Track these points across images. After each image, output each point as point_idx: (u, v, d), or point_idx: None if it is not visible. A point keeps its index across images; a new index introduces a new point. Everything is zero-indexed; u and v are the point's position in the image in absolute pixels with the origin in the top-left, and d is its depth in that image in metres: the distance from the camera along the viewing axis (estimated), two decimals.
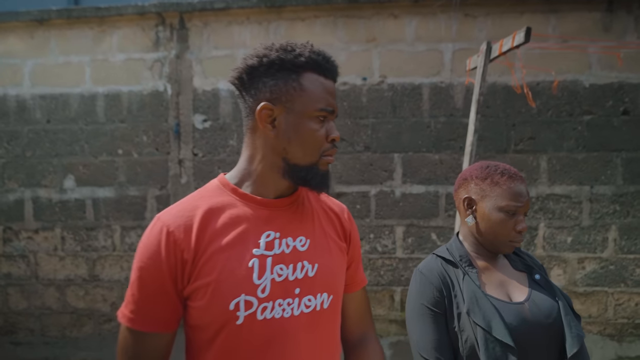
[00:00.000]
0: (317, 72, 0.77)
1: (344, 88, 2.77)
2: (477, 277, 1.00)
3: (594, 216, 2.66)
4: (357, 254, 0.91)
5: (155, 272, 0.71)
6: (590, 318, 2.67)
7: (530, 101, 2.14)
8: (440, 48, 2.72)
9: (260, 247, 0.74)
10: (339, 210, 0.90)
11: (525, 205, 0.99)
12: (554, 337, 0.94)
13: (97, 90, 2.93)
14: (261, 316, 0.72)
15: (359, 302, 0.92)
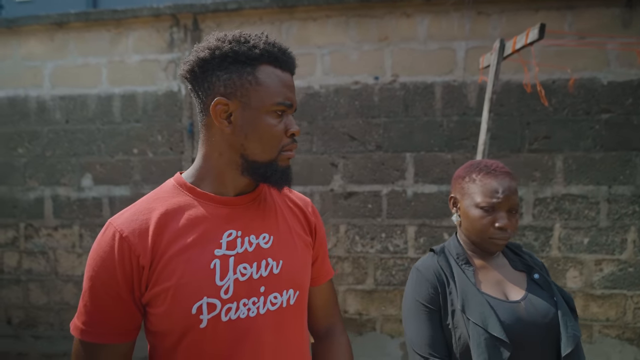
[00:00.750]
0: (273, 64, 0.73)
1: (355, 87, 2.77)
2: (473, 275, 1.00)
3: (612, 217, 2.60)
4: (322, 247, 0.91)
5: (108, 280, 0.68)
6: (608, 321, 2.61)
7: (543, 99, 2.10)
8: (453, 46, 2.69)
9: (221, 247, 0.72)
10: (303, 204, 0.88)
11: (504, 201, 0.97)
12: (550, 336, 0.94)
13: (113, 91, 3.00)
14: (226, 317, 0.70)
15: (326, 294, 0.92)
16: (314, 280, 0.89)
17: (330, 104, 2.79)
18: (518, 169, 2.66)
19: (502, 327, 0.90)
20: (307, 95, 2.81)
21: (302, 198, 0.90)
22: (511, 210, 0.98)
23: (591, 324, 2.62)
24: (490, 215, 0.97)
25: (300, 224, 0.85)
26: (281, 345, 0.75)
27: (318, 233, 0.88)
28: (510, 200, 0.97)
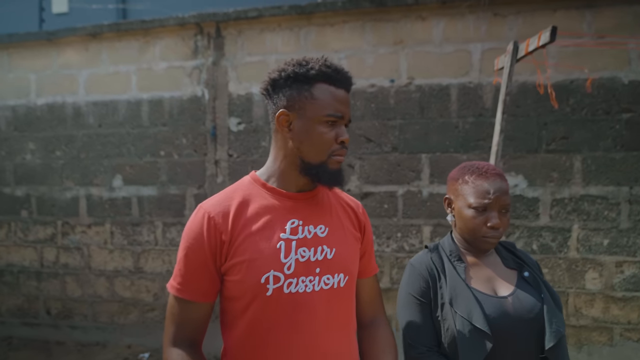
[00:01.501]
0: (327, 82, 0.87)
1: (371, 90, 2.84)
2: (465, 271, 1.05)
3: (633, 218, 2.56)
4: (369, 245, 1.01)
5: (198, 250, 0.85)
6: (630, 324, 2.57)
7: (553, 102, 2.11)
8: (468, 48, 2.72)
9: (286, 232, 0.87)
10: (355, 205, 1.01)
11: (495, 201, 1.02)
12: (535, 331, 0.99)
13: (141, 96, 3.18)
14: (287, 290, 0.84)
15: (371, 288, 1.02)
16: (361, 273, 1.00)
17: None
18: (535, 170, 2.66)
19: (487, 321, 0.96)
20: None
21: (354, 201, 1.04)
22: (502, 210, 1.03)
23: (612, 327, 2.59)
24: (482, 215, 1.03)
25: (351, 221, 0.98)
26: (331, 320, 0.88)
27: (366, 232, 1.01)
28: (500, 201, 1.02)
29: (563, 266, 2.64)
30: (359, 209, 1.01)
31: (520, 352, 0.98)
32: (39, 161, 3.38)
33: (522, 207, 2.68)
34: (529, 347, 0.98)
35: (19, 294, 3.44)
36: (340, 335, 0.90)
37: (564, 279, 2.64)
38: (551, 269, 2.65)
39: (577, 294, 2.63)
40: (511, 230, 2.70)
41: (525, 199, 2.68)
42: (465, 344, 0.95)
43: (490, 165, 1.08)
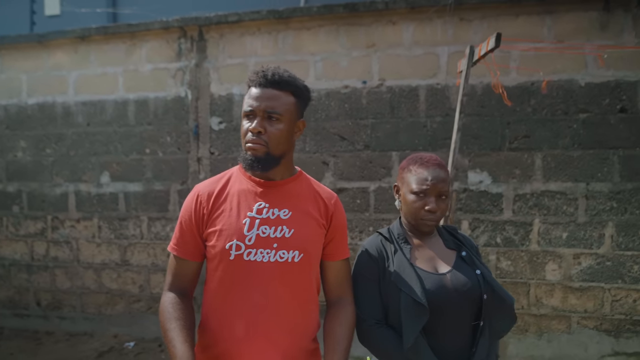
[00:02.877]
0: (252, 85, 1.07)
1: (345, 91, 2.98)
2: (410, 252, 1.19)
3: (590, 212, 2.70)
4: (338, 232, 1.15)
5: (188, 220, 1.09)
6: (586, 313, 2.71)
7: (506, 100, 2.25)
8: (436, 51, 2.86)
9: (252, 212, 1.07)
10: (327, 197, 1.16)
11: (432, 187, 1.15)
12: (471, 302, 1.13)
13: (128, 97, 3.32)
14: (247, 257, 1.03)
15: (338, 270, 1.17)
16: (328, 255, 1.15)
17: (321, 107, 3.01)
18: (499, 167, 2.80)
19: (426, 295, 1.10)
20: None
21: (329, 193, 1.18)
22: (440, 196, 1.17)
23: (570, 315, 2.73)
24: (422, 200, 1.16)
25: (318, 210, 1.13)
26: (283, 289, 1.05)
27: (335, 220, 1.15)
28: (437, 188, 1.16)
29: (525, 258, 2.78)
30: (330, 200, 1.15)
31: (457, 319, 1.12)
32: (29, 158, 3.52)
33: (487, 203, 2.83)
34: (465, 315, 1.13)
35: (9, 286, 3.58)
36: (292, 304, 1.06)
37: (526, 271, 2.78)
38: (514, 261, 2.80)
39: (537, 284, 2.77)
40: (476, 224, 2.84)
41: (490, 194, 2.82)
42: (407, 315, 1.09)
43: (433, 157, 1.22)
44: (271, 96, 1.04)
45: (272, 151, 1.04)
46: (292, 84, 1.06)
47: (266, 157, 1.04)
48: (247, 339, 1.02)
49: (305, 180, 1.17)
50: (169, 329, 1.01)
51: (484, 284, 1.14)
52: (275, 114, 1.03)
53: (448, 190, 1.19)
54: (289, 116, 1.05)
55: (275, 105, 1.03)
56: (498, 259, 2.81)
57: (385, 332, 1.14)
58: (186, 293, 1.10)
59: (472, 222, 2.85)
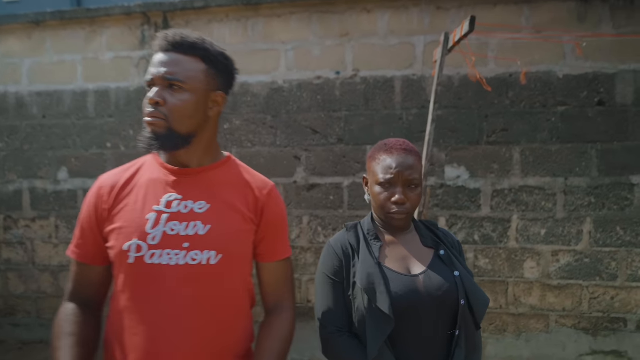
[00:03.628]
0: (154, 51, 0.93)
1: (318, 82, 2.84)
2: (379, 250, 1.04)
3: (568, 208, 2.63)
4: (272, 227, 0.98)
5: (88, 218, 0.93)
6: (565, 311, 2.64)
7: (485, 86, 2.16)
8: (412, 41, 2.75)
9: (160, 205, 0.90)
10: (258, 187, 0.98)
11: (397, 176, 1.01)
12: (447, 308, 0.99)
13: (87, 87, 3.10)
14: (149, 260, 0.87)
15: (274, 272, 1.00)
16: (262, 256, 0.99)
17: (293, 99, 2.87)
18: (476, 162, 2.71)
19: (393, 299, 0.95)
20: (271, 90, 2.88)
21: (262, 181, 1.01)
22: (409, 185, 1.02)
23: (548, 314, 2.66)
24: (388, 190, 1.02)
25: (246, 202, 0.95)
26: (199, 299, 0.88)
27: (266, 213, 0.97)
28: (403, 176, 1.01)
29: (503, 256, 2.70)
30: (262, 190, 0.98)
31: (430, 328, 0.98)
32: None
33: (465, 199, 2.73)
34: (439, 323, 0.98)
35: None
36: (208, 316, 0.88)
37: (504, 269, 2.70)
38: (492, 259, 2.70)
39: (516, 282, 2.69)
40: (454, 221, 2.74)
41: (467, 190, 2.72)
42: (371, 322, 0.95)
43: (400, 141, 1.07)
44: (172, 61, 0.87)
45: (174, 127, 0.87)
46: (199, 47, 0.90)
47: (167, 135, 0.87)
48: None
49: (233, 167, 1.00)
50: (57, 347, 0.85)
51: (462, 287, 1.00)
52: (177, 82, 0.86)
53: (419, 179, 1.03)
54: (197, 85, 0.88)
55: (176, 71, 0.87)
56: (476, 257, 2.72)
57: (347, 341, 1.00)
58: (90, 304, 0.93)
59: (449, 219, 2.74)
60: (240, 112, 2.93)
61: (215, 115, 0.95)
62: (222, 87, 0.95)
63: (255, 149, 2.91)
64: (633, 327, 2.58)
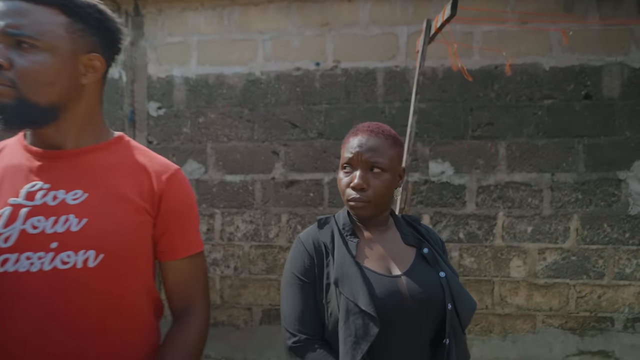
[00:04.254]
0: None
1: (297, 73, 2.71)
2: (356, 247, 0.93)
3: (555, 205, 2.56)
4: (175, 220, 0.84)
5: None
6: (551, 311, 2.56)
7: (466, 75, 2.07)
8: (395, 31, 2.64)
9: (18, 197, 0.72)
10: (156, 170, 0.82)
11: (357, 156, 0.90)
12: (432, 313, 0.88)
13: None
14: (1, 268, 0.68)
15: (179, 273, 0.86)
16: (163, 254, 0.84)
17: (271, 91, 2.73)
18: (461, 157, 2.61)
19: (374, 302, 0.84)
20: (248, 82, 2.75)
21: (161, 165, 0.84)
22: (371, 169, 0.90)
23: (535, 314, 2.58)
24: (348, 175, 0.92)
25: (138, 189, 0.80)
26: (70, 309, 0.71)
27: (165, 202, 0.81)
28: (363, 156, 0.90)
29: (489, 254, 2.61)
30: (160, 175, 0.82)
31: (413, 335, 0.87)
32: None
33: (449, 195, 2.63)
34: (423, 330, 0.87)
35: None
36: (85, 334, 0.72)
37: (490, 268, 2.61)
38: (477, 258, 2.61)
39: (502, 282, 2.60)
40: (438, 218, 2.64)
41: (452, 186, 2.63)
42: (349, 330, 0.82)
43: (373, 124, 0.98)
44: (16, 11, 0.68)
45: (27, 96, 0.69)
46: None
47: (17, 106, 0.69)
48: None
49: (125, 149, 0.83)
50: None
51: (449, 290, 0.89)
52: (26, 38, 0.68)
53: (385, 163, 0.91)
54: (56, 43, 0.70)
55: (22, 24, 0.68)
56: (461, 256, 2.62)
57: (319, 352, 0.87)
58: None
59: (433, 216, 2.64)
60: (215, 105, 2.78)
61: (94, 83, 0.78)
62: (99, 48, 0.77)
63: (231, 143, 2.77)
64: (620, 327, 2.52)
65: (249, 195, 2.75)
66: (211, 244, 2.79)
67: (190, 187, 0.90)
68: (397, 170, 0.95)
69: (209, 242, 2.79)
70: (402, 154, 0.98)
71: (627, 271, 2.50)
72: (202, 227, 2.80)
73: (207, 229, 2.80)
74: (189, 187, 0.88)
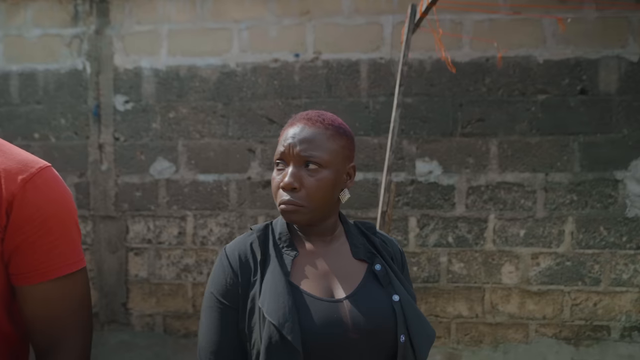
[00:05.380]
0: None
1: (275, 65, 2.52)
2: (292, 262, 0.75)
3: (549, 207, 2.41)
4: (31, 233, 0.64)
5: None
6: (545, 320, 2.41)
7: (450, 67, 1.91)
8: (380, 21, 2.47)
9: None
10: (8, 169, 0.64)
11: (288, 150, 0.73)
12: (378, 346, 0.71)
13: (10, 68, 2.69)
14: None
15: (40, 300, 0.66)
16: (18, 277, 0.65)
17: (247, 84, 2.54)
18: (450, 155, 2.45)
19: (306, 333, 0.67)
20: (222, 74, 2.55)
21: (18, 162, 0.65)
22: (305, 165, 0.73)
23: (527, 323, 2.42)
24: (280, 173, 0.75)
25: None
26: None
27: (16, 210, 0.63)
28: (294, 150, 0.73)
29: (479, 260, 2.45)
30: (15, 176, 0.63)
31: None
32: None
33: (437, 196, 2.47)
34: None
35: None
36: None
37: (480, 274, 2.45)
38: (467, 263, 2.45)
39: (493, 289, 2.44)
40: (426, 221, 2.48)
41: (440, 186, 2.46)
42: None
43: (313, 112, 0.79)
44: None
45: None
46: None
47: None
48: None
49: None
50: None
51: (402, 317, 0.72)
52: None
53: (322, 158, 0.73)
54: None
55: None
56: (450, 261, 2.46)
57: None
58: None
59: (420, 219, 2.48)
60: (187, 99, 2.58)
61: None
62: None
63: (204, 140, 2.57)
64: (617, 336, 2.38)
65: (223, 196, 2.56)
66: (183, 249, 2.59)
67: (66, 188, 0.70)
68: (341, 167, 0.77)
69: (180, 247, 2.59)
70: (351, 147, 0.80)
71: (624, 277, 2.36)
72: (173, 231, 2.60)
73: (178, 232, 2.60)
74: (62, 189, 0.69)
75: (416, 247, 2.47)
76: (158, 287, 2.61)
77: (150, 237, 2.61)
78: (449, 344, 2.46)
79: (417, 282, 2.42)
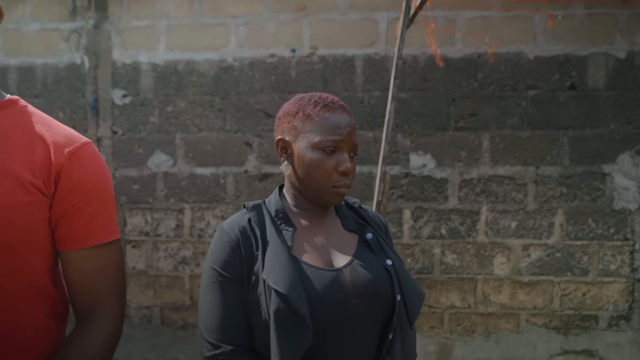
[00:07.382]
0: None
1: (271, 60, 2.56)
2: (292, 237, 0.80)
3: (539, 199, 2.46)
4: (76, 202, 0.69)
5: None
6: (535, 310, 2.47)
7: (438, 60, 1.96)
8: (375, 17, 2.52)
9: None
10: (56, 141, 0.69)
11: (347, 139, 0.81)
12: (378, 307, 0.77)
13: (8, 62, 2.71)
14: None
15: (83, 265, 0.71)
16: (62, 242, 0.70)
17: (244, 79, 2.58)
18: (443, 149, 2.50)
19: (313, 302, 0.72)
20: (220, 69, 2.59)
21: (65, 137, 0.71)
22: (352, 153, 0.83)
23: (518, 313, 2.48)
24: (331, 157, 0.80)
25: (30, 162, 0.67)
26: None
27: (64, 180, 0.68)
28: (352, 139, 0.82)
29: (472, 251, 2.50)
30: (62, 149, 0.68)
31: (358, 333, 0.76)
32: None
33: (431, 189, 2.52)
34: (369, 327, 0.77)
35: None
36: None
37: (473, 265, 2.50)
38: (460, 255, 2.51)
39: (485, 280, 2.50)
40: (419, 213, 2.53)
41: (434, 179, 2.51)
42: (282, 333, 0.70)
43: (334, 97, 0.87)
44: None
45: None
46: None
47: None
48: None
49: (17, 115, 0.71)
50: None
51: (397, 279, 0.78)
52: None
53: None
54: None
55: None
56: (443, 253, 2.51)
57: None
58: None
59: (414, 211, 2.53)
60: (185, 94, 2.61)
61: None
62: None
63: (202, 134, 2.61)
64: (604, 325, 2.44)
65: (220, 189, 2.59)
66: (180, 241, 2.62)
67: (104, 164, 0.76)
68: None
69: (178, 239, 2.62)
70: None
71: (612, 268, 2.43)
72: (170, 223, 2.63)
73: (175, 225, 2.63)
74: (101, 165, 0.74)
75: (410, 238, 2.52)
76: (155, 279, 2.64)
77: (148, 229, 2.64)
78: (442, 334, 2.51)
79: (410, 273, 2.47)
